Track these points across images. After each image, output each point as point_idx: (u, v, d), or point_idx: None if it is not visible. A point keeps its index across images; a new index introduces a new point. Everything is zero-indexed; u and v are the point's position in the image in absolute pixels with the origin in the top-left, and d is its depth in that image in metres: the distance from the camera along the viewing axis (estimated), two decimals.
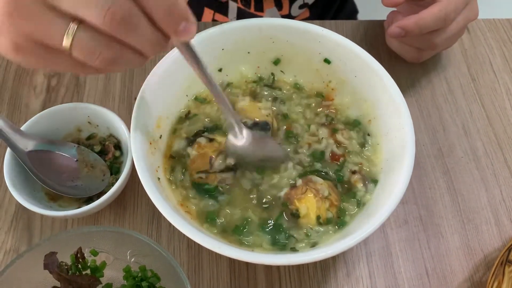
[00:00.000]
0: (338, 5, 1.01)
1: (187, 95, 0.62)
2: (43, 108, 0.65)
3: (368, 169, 0.58)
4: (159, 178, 0.53)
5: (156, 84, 0.56)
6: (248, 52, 0.64)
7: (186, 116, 0.61)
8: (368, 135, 0.61)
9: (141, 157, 0.51)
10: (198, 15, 0.91)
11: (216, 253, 0.58)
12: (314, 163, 0.59)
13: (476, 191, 0.65)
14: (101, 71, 0.40)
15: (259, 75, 0.66)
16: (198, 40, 0.58)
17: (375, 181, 0.57)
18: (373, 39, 0.77)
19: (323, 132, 0.61)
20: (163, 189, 0.52)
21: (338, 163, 0.59)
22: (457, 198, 0.64)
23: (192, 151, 0.57)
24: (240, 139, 0.56)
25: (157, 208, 0.60)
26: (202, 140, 0.58)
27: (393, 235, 0.61)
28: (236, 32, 0.62)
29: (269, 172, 0.58)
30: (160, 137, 0.58)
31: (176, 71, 0.58)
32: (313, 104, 0.64)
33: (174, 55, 0.57)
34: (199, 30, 0.54)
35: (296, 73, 0.65)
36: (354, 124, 0.62)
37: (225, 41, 0.62)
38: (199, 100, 0.63)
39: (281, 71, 0.66)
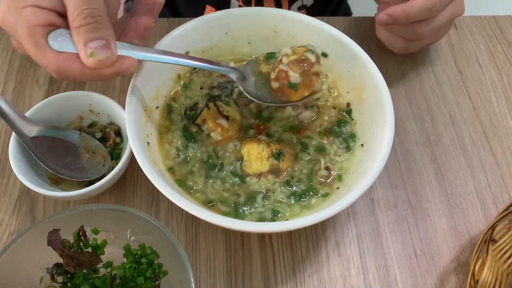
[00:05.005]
0: (333, 7, 1.05)
1: (179, 76, 0.65)
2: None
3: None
4: (148, 143, 0.56)
5: (154, 64, 0.59)
6: (249, 43, 0.67)
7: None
8: (352, 119, 0.63)
9: (133, 120, 0.54)
10: (200, 12, 0.93)
11: (212, 234, 0.61)
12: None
13: (462, 177, 0.67)
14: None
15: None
16: (205, 20, 0.64)
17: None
18: (364, 34, 0.80)
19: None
20: (151, 153, 0.56)
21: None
22: (444, 183, 0.67)
23: (216, 135, 0.60)
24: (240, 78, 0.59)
25: (155, 193, 0.63)
26: (223, 122, 0.60)
27: (383, 218, 0.63)
28: (240, 18, 0.65)
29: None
30: (157, 108, 0.61)
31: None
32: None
33: (170, 37, 0.61)
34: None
35: None
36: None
37: (229, 26, 0.65)
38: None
39: None
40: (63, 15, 0.48)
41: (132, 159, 0.60)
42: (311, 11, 0.98)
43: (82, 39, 0.46)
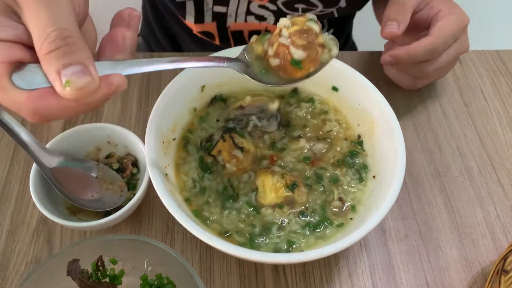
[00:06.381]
0: (341, 44, 1.09)
1: (195, 109, 0.67)
2: (64, 129, 0.70)
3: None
4: (166, 174, 0.58)
5: (173, 95, 0.61)
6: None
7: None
8: (363, 150, 0.65)
9: (153, 153, 0.56)
10: (206, 45, 0.95)
11: (227, 265, 0.62)
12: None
13: (472, 208, 0.68)
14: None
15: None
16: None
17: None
18: (373, 68, 0.83)
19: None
20: (169, 184, 0.57)
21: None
22: (454, 214, 0.68)
23: (231, 166, 0.61)
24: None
25: (170, 223, 0.64)
26: (238, 153, 0.61)
27: (394, 249, 0.64)
28: None
29: None
30: (174, 140, 0.63)
31: (187, 88, 0.64)
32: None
33: (186, 72, 0.63)
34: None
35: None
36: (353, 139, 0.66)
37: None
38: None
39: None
40: (29, 46, 0.40)
41: (147, 189, 0.62)
42: None
43: (53, 68, 0.37)
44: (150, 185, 0.59)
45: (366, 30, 1.13)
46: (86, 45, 0.39)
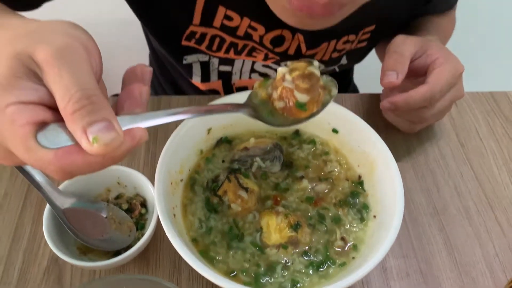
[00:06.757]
0: (343, 88, 1.13)
1: (201, 151, 0.70)
2: None
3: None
4: (174, 215, 0.60)
5: (181, 139, 0.64)
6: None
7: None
8: (364, 190, 0.67)
9: (162, 195, 0.58)
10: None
11: None
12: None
13: (470, 246, 0.70)
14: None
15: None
16: (227, 101, 0.67)
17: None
18: (372, 110, 0.86)
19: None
20: (177, 225, 0.59)
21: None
22: (453, 252, 0.69)
23: (236, 206, 0.64)
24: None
25: (177, 262, 0.66)
26: (243, 194, 0.64)
27: (396, 287, 0.65)
28: None
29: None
30: (181, 181, 0.65)
31: (194, 131, 0.67)
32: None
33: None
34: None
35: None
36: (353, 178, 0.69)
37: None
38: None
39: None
40: (51, 107, 0.41)
41: (155, 229, 0.64)
42: None
43: (79, 126, 0.38)
44: (157, 225, 0.61)
45: (366, 72, 1.18)
46: (108, 102, 0.40)
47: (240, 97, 0.61)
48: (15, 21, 0.50)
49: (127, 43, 1.48)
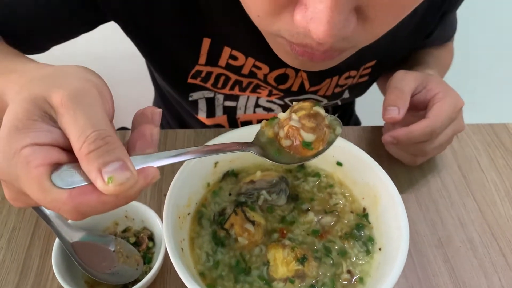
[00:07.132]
0: (345, 121, 1.16)
1: (208, 184, 0.71)
2: None
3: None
4: (182, 249, 0.60)
5: (188, 173, 0.66)
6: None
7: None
8: (369, 222, 0.68)
9: (170, 229, 0.58)
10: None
11: None
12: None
13: (476, 278, 0.70)
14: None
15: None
16: (233, 136, 0.68)
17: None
18: (373, 142, 0.88)
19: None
20: (185, 259, 0.59)
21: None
22: (459, 284, 0.70)
23: (243, 240, 0.64)
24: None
25: None
26: (249, 227, 0.64)
27: None
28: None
29: None
30: (188, 214, 0.66)
31: (201, 165, 0.68)
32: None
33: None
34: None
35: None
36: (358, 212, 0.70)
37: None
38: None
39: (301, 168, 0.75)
40: (65, 149, 0.42)
41: (163, 263, 0.64)
42: None
43: (94, 166, 0.39)
44: (164, 258, 0.62)
45: (368, 103, 1.21)
46: (121, 142, 0.41)
47: (246, 131, 0.63)
48: (30, 66, 0.52)
49: (132, 76, 1.51)
